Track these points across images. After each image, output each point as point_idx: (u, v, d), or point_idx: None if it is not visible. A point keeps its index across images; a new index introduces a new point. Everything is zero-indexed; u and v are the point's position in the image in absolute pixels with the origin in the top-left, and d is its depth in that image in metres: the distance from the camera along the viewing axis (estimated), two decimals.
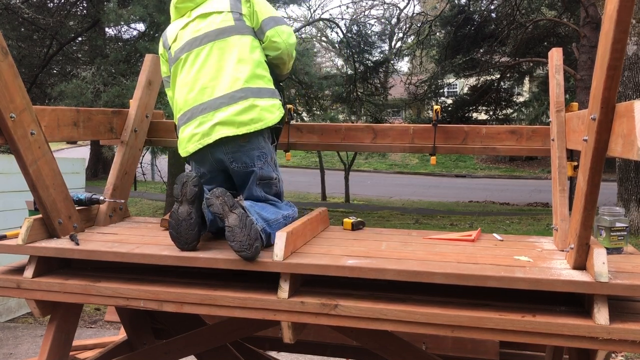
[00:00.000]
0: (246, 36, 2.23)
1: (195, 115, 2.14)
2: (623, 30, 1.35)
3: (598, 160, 1.52)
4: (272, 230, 2.02)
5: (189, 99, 2.18)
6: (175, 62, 2.27)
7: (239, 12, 2.26)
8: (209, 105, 2.12)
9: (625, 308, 1.69)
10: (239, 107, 2.09)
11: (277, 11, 2.39)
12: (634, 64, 8.51)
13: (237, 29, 2.22)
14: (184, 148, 2.19)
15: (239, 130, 2.07)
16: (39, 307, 2.06)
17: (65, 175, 2.15)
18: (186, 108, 2.18)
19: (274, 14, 2.32)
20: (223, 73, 2.15)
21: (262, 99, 2.14)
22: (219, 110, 2.10)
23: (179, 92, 2.24)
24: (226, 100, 2.11)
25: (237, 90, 2.11)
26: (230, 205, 1.88)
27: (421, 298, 1.78)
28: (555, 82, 2.30)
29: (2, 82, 1.81)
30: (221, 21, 2.23)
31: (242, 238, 1.82)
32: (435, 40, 17.62)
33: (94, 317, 5.49)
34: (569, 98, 11.17)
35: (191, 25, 2.27)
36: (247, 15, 2.26)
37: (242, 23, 2.24)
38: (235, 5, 2.27)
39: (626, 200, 8.83)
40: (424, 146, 2.59)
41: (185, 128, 2.17)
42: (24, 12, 11.10)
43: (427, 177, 23.47)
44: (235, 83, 2.12)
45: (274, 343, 2.99)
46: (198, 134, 2.12)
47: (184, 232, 1.91)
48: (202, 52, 2.19)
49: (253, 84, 2.15)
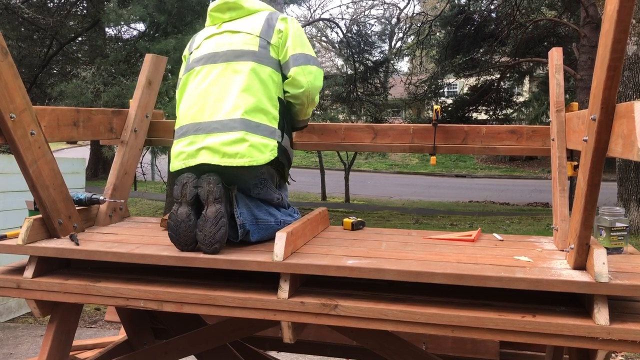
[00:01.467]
0: (264, 66, 2.08)
1: (190, 133, 2.05)
2: (623, 30, 1.34)
3: (598, 161, 1.52)
4: (256, 229, 2.04)
5: (188, 114, 2.09)
6: (189, 71, 2.18)
7: (268, 40, 2.11)
8: (204, 127, 2.02)
9: (625, 308, 1.69)
10: (229, 137, 1.97)
11: (312, 49, 2.20)
12: (634, 64, 8.51)
13: (257, 56, 2.08)
14: (172, 163, 2.10)
15: (221, 161, 1.95)
16: (39, 307, 2.06)
17: (65, 175, 2.15)
18: (184, 123, 2.10)
19: (307, 52, 2.15)
20: (227, 98, 2.04)
21: (256, 135, 1.99)
22: (210, 135, 2.00)
23: (183, 103, 2.15)
24: (219, 126, 2.00)
25: (233, 119, 1.99)
26: (215, 197, 1.90)
27: (421, 298, 1.78)
28: (555, 82, 2.30)
29: (2, 82, 1.81)
30: (244, 43, 2.10)
31: (207, 232, 1.87)
32: (435, 40, 17.63)
33: (94, 317, 5.50)
34: (569, 98, 11.18)
35: (216, 38, 2.17)
36: (275, 46, 2.11)
37: (266, 52, 2.10)
38: (267, 32, 2.12)
39: (626, 200, 8.83)
40: (424, 146, 2.59)
41: (177, 143, 2.09)
42: (24, 12, 11.11)
43: (427, 177, 23.48)
44: (234, 111, 2.00)
45: (274, 343, 2.99)
46: (185, 153, 2.04)
47: (183, 234, 1.92)
48: (215, 70, 2.09)
49: (253, 117, 2.01)
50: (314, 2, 41.70)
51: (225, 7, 2.20)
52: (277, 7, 2.40)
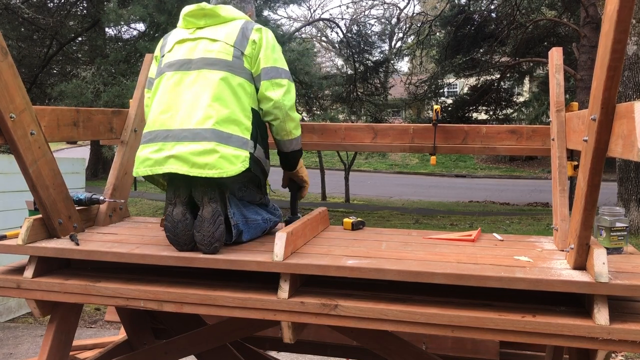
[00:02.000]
0: (237, 77, 2.03)
1: (158, 139, 1.98)
2: (623, 30, 1.34)
3: (598, 161, 1.52)
4: (247, 228, 2.06)
5: (158, 119, 2.02)
6: (161, 75, 2.11)
7: (242, 50, 2.06)
8: (174, 134, 1.96)
9: (625, 308, 1.69)
10: (199, 147, 1.90)
11: (285, 62, 2.17)
12: (634, 64, 8.51)
13: (231, 66, 2.03)
14: (136, 168, 2.03)
15: (190, 171, 1.89)
16: (39, 307, 2.06)
17: (65, 175, 2.15)
18: (153, 128, 2.03)
19: (279, 65, 2.11)
20: (198, 106, 1.97)
21: (227, 146, 1.93)
22: (180, 143, 1.93)
23: (154, 108, 2.07)
24: (190, 135, 1.94)
25: (204, 128, 1.93)
26: (210, 198, 1.91)
27: (421, 298, 1.78)
28: (556, 81, 2.30)
29: (2, 82, 1.81)
30: (218, 52, 2.05)
31: (206, 233, 1.87)
32: (435, 40, 17.63)
33: (94, 317, 5.49)
34: (569, 98, 11.18)
35: (190, 44, 2.10)
36: (248, 56, 2.06)
37: (239, 62, 2.05)
38: (241, 42, 2.07)
39: (626, 200, 8.83)
40: (424, 146, 2.59)
41: (144, 148, 2.01)
42: (24, 12, 11.11)
43: (427, 177, 23.48)
44: (205, 121, 1.94)
45: (274, 343, 2.99)
46: (151, 160, 1.96)
47: (181, 234, 1.92)
48: (187, 78, 2.03)
49: (224, 127, 1.95)
50: (314, 2, 41.70)
51: (201, 13, 2.13)
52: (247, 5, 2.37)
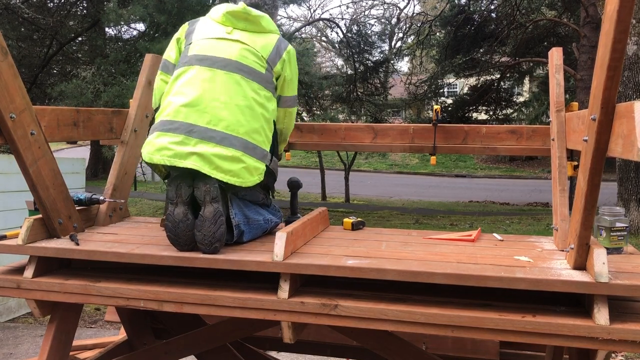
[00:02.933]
0: (267, 91, 2.10)
1: (181, 131, 1.95)
2: (623, 30, 1.34)
3: (598, 161, 1.52)
4: (248, 229, 2.07)
5: (181, 111, 1.99)
6: (188, 66, 2.07)
7: (273, 66, 2.14)
8: (200, 131, 1.95)
9: (625, 308, 1.69)
10: (226, 152, 1.93)
11: (297, 83, 2.32)
12: (634, 64, 8.51)
13: (264, 79, 2.09)
14: (149, 153, 1.98)
15: (211, 172, 1.91)
16: (39, 307, 2.06)
17: (65, 175, 2.15)
18: (175, 118, 1.99)
19: (294, 92, 2.25)
20: (229, 110, 1.99)
21: (251, 157, 1.98)
22: (205, 143, 1.93)
23: (177, 97, 2.03)
24: (218, 137, 1.95)
25: (234, 136, 1.96)
26: (212, 197, 1.91)
27: (421, 298, 1.78)
28: (555, 81, 2.30)
29: (2, 82, 1.81)
30: (254, 61, 2.09)
31: (207, 232, 1.87)
32: (435, 40, 17.63)
33: (94, 317, 5.49)
34: (569, 98, 11.18)
35: (226, 43, 2.10)
36: (276, 73, 2.15)
37: (270, 76, 2.12)
38: (274, 58, 2.14)
39: (626, 200, 8.83)
40: (424, 146, 2.59)
41: (162, 136, 1.97)
42: (24, 12, 11.11)
43: (427, 177, 23.47)
44: (236, 128, 1.97)
45: (274, 343, 2.98)
46: (172, 151, 1.93)
47: (182, 234, 1.92)
48: (220, 77, 2.03)
49: (252, 138, 2.00)
50: (314, 2, 41.71)
51: (243, 16, 2.15)
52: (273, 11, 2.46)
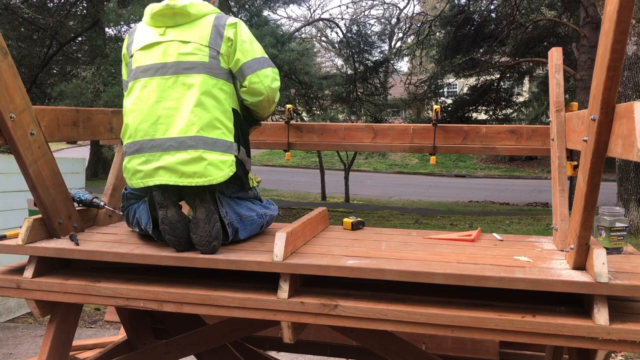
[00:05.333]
0: (216, 79, 2.01)
1: (144, 150, 1.97)
2: (623, 30, 1.34)
3: (598, 161, 1.52)
4: (243, 226, 2.06)
5: (140, 128, 1.99)
6: (135, 80, 2.05)
7: (217, 49, 2.02)
8: (159, 144, 1.95)
9: (625, 308, 1.69)
10: (186, 156, 1.92)
11: (262, 49, 2.15)
12: (634, 64, 8.51)
13: (208, 67, 2.00)
14: (129, 179, 2.03)
15: (180, 181, 1.92)
16: (39, 307, 2.06)
17: (65, 175, 2.15)
18: (136, 138, 2.00)
19: (259, 55, 2.09)
20: (180, 113, 1.96)
21: (213, 152, 1.94)
22: (167, 153, 1.94)
23: (131, 115, 2.03)
24: (175, 144, 1.94)
25: (189, 136, 1.93)
26: (201, 199, 1.92)
27: (421, 298, 1.78)
28: (555, 81, 2.30)
29: (2, 82, 1.81)
30: (193, 55, 2.00)
31: (203, 233, 1.88)
32: (435, 40, 17.63)
33: (94, 317, 5.49)
34: (569, 98, 11.18)
35: (162, 46, 2.04)
36: (224, 55, 2.03)
37: (216, 62, 2.02)
38: (216, 40, 2.03)
39: (626, 200, 8.83)
40: (424, 146, 2.59)
41: (132, 159, 2.00)
42: (24, 12, 11.11)
43: (427, 177, 23.47)
44: (189, 128, 1.94)
45: (274, 343, 2.99)
46: (142, 172, 1.97)
47: (181, 234, 1.92)
48: (165, 83, 1.99)
49: (208, 133, 1.95)
50: (314, 2, 41.69)
51: (171, 12, 2.05)
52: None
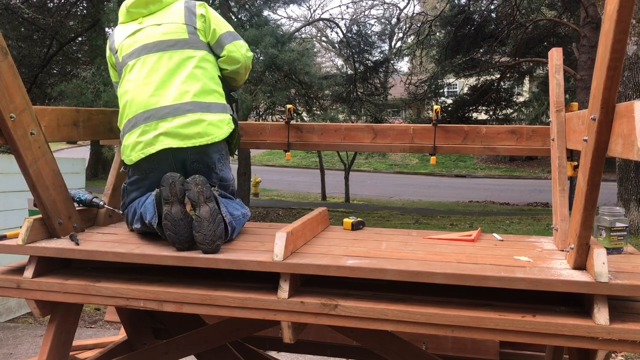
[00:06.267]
0: (199, 51, 2.20)
1: (139, 123, 2.09)
2: (623, 30, 1.34)
3: (598, 161, 1.51)
4: (236, 225, 2.10)
5: (133, 104, 2.13)
6: (123, 67, 2.23)
7: (194, 25, 2.23)
8: (153, 114, 2.08)
9: (625, 308, 1.69)
10: (185, 119, 2.05)
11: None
12: (634, 64, 8.51)
13: (190, 43, 2.20)
14: (128, 156, 2.13)
15: (183, 143, 2.04)
16: (39, 307, 2.06)
17: (65, 175, 2.15)
18: (131, 115, 2.13)
19: (231, 29, 2.32)
20: (170, 85, 2.11)
21: (211, 113, 2.10)
22: (164, 120, 2.06)
23: (124, 97, 2.18)
24: (171, 110, 2.06)
25: (184, 102, 2.08)
26: (206, 197, 1.93)
27: (421, 298, 1.78)
28: (555, 82, 2.30)
29: (2, 82, 1.81)
30: (174, 32, 2.20)
31: (207, 232, 1.89)
32: (435, 40, 17.62)
33: (94, 317, 5.49)
34: (569, 98, 11.18)
35: (142, 32, 2.23)
36: (201, 30, 2.24)
37: (196, 37, 2.22)
38: (190, 18, 2.24)
39: (626, 200, 8.84)
40: (424, 146, 2.59)
41: (129, 136, 2.12)
42: (24, 12, 11.11)
43: (427, 177, 23.48)
44: (183, 96, 2.09)
45: (274, 343, 2.98)
46: (141, 143, 2.07)
47: (183, 232, 1.92)
48: (150, 60, 2.16)
49: (203, 98, 2.11)
50: (314, 2, 41.71)
51: (144, 2, 2.27)
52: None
